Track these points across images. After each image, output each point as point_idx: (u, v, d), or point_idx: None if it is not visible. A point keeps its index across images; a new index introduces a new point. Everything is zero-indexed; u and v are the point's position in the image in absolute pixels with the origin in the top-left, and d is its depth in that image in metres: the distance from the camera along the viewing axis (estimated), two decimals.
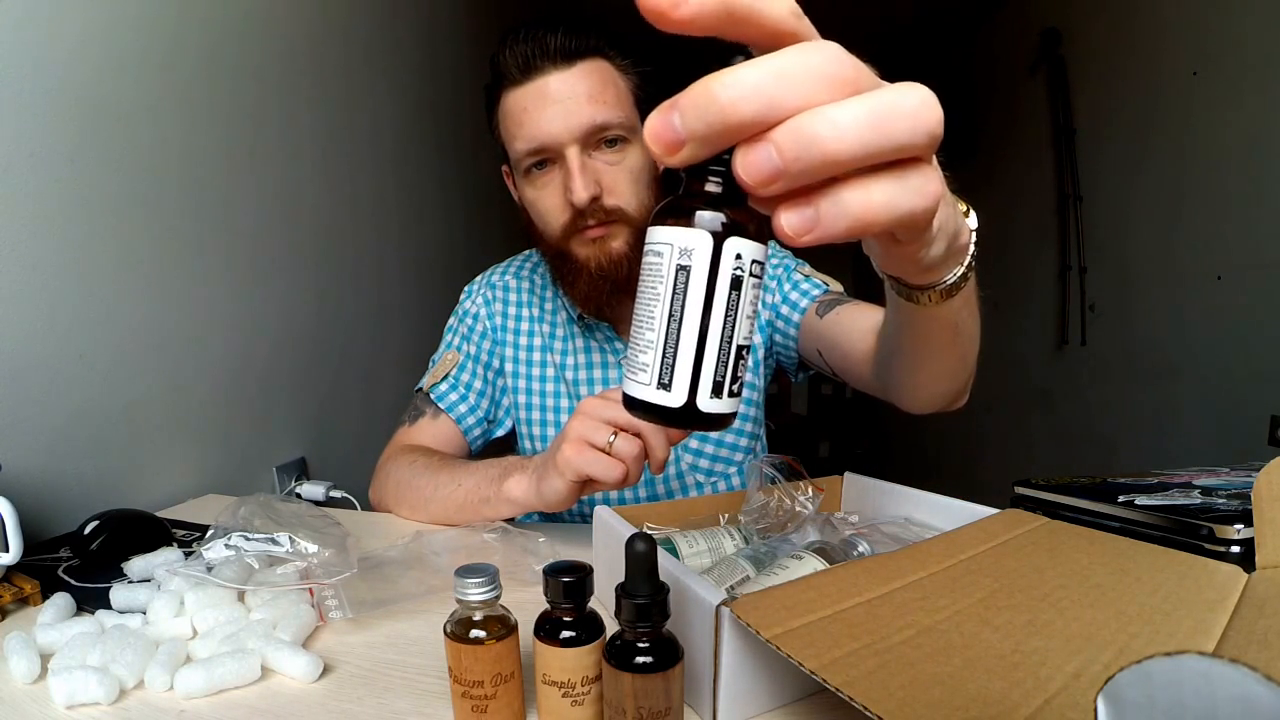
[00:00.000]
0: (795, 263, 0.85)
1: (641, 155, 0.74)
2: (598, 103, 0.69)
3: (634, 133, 0.72)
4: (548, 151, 0.70)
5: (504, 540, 0.58)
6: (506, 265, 0.93)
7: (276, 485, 1.08)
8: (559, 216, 0.73)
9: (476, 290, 0.91)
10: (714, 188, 0.25)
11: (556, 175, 0.72)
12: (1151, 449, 1.88)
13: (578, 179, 0.69)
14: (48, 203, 0.72)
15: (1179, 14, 1.70)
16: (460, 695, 0.35)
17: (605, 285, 0.74)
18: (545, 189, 0.73)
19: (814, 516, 0.53)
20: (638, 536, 0.32)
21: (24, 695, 0.41)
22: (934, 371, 0.51)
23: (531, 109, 0.69)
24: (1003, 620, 0.33)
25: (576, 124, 0.68)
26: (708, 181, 0.25)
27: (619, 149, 0.72)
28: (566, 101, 0.68)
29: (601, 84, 0.70)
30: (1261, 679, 0.17)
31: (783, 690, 0.37)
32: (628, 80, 0.74)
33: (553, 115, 0.68)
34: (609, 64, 0.72)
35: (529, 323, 0.87)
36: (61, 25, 0.73)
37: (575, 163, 0.69)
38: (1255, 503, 0.42)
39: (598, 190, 0.70)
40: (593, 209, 0.70)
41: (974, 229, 0.36)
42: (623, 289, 0.74)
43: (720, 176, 0.24)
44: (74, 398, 0.75)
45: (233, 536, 0.52)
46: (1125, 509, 0.52)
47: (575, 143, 0.69)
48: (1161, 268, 1.82)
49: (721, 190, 0.25)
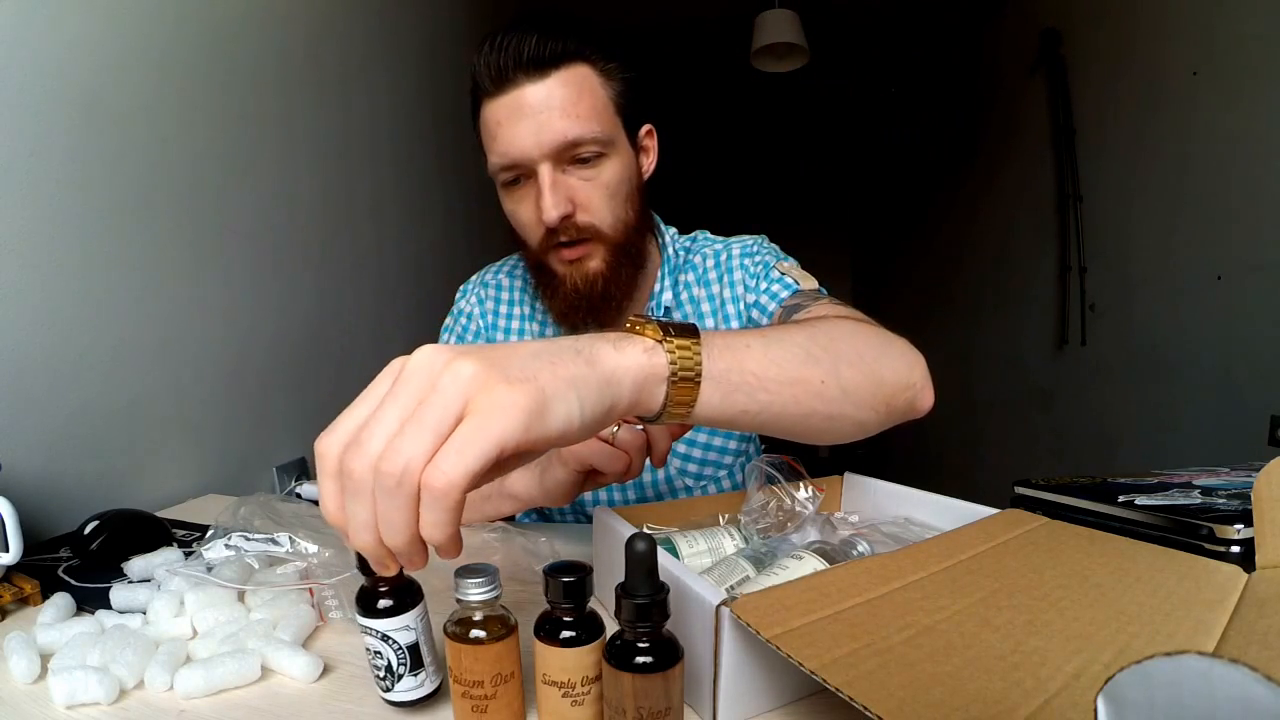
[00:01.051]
0: (776, 258, 0.83)
1: (619, 168, 0.71)
2: (570, 117, 0.66)
3: (611, 145, 0.70)
4: (519, 168, 0.68)
5: (504, 540, 0.58)
6: (500, 264, 0.92)
7: (276, 485, 1.08)
8: (535, 231, 0.71)
9: (470, 290, 0.91)
10: None
11: (531, 190, 0.70)
12: (1151, 449, 1.88)
13: (548, 197, 0.67)
14: (48, 203, 0.72)
15: (1179, 14, 1.70)
16: (460, 695, 0.35)
17: (582, 304, 0.73)
18: (521, 203, 0.72)
19: (814, 516, 0.53)
20: (638, 536, 0.32)
21: (24, 695, 0.41)
22: (805, 433, 0.44)
23: (505, 123, 0.67)
24: (1003, 620, 0.33)
25: (548, 140, 0.66)
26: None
27: (593, 164, 0.69)
28: (539, 115, 0.66)
29: (577, 95, 0.67)
30: (1261, 679, 0.17)
31: (783, 690, 0.37)
32: (609, 87, 0.70)
33: (524, 131, 0.66)
34: (590, 69, 0.68)
35: (520, 321, 0.87)
36: (61, 25, 0.73)
37: (546, 180, 0.67)
38: (1255, 503, 0.42)
39: (570, 208, 0.68)
40: (565, 226, 0.69)
41: (669, 358, 0.35)
42: (599, 307, 0.73)
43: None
44: (74, 398, 0.75)
45: (233, 536, 0.52)
46: (1125, 509, 0.52)
47: (547, 159, 0.67)
48: (1161, 268, 1.82)
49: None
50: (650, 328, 0.37)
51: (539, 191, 0.68)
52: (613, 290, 0.74)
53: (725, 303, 0.81)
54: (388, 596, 0.36)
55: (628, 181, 0.73)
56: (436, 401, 0.29)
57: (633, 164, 0.75)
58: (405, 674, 0.37)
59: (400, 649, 0.36)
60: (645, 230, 0.79)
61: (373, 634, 0.36)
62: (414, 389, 0.29)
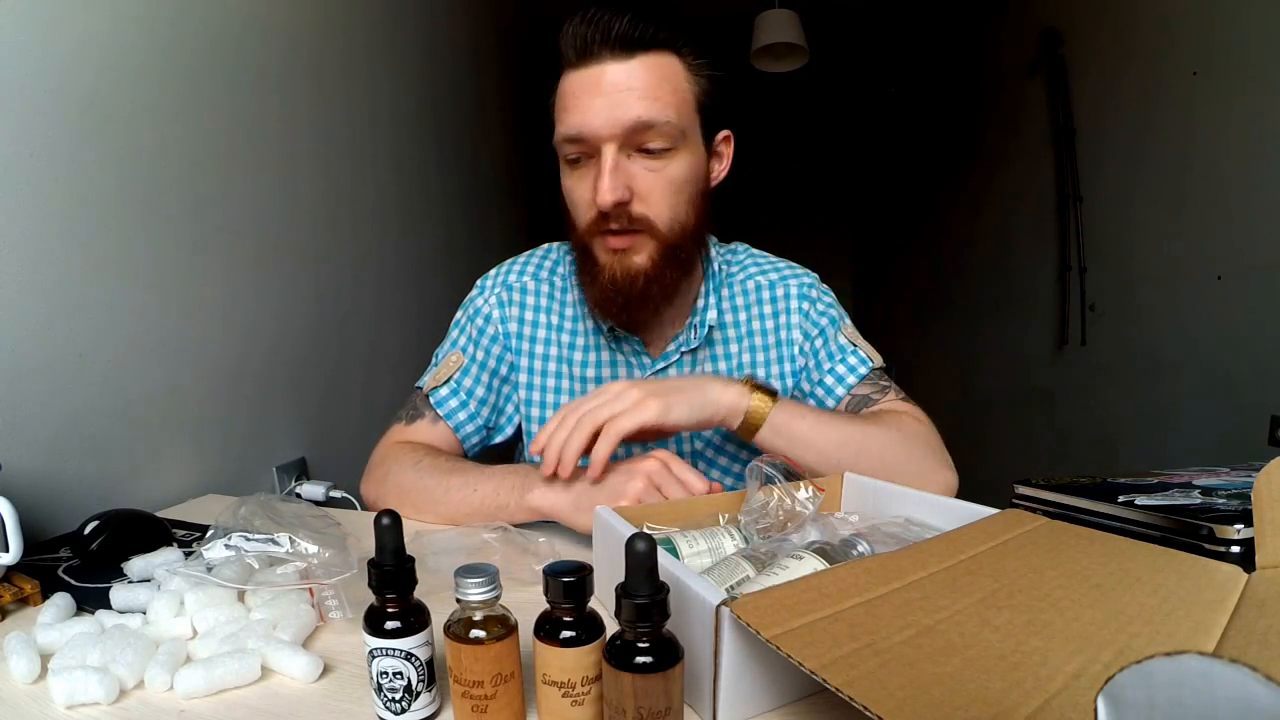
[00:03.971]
0: (839, 316, 0.81)
1: (687, 166, 0.68)
2: (648, 100, 0.64)
3: (684, 140, 0.67)
4: (584, 143, 0.66)
5: (504, 540, 0.58)
6: (525, 262, 0.86)
7: (276, 485, 1.08)
8: (587, 212, 0.69)
9: (490, 288, 0.84)
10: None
11: (591, 170, 0.68)
12: (1151, 449, 1.88)
13: (606, 179, 0.65)
14: (48, 203, 0.72)
15: (1179, 14, 1.70)
16: (460, 695, 0.35)
17: (618, 299, 0.71)
18: (580, 182, 0.69)
19: (814, 516, 0.53)
20: (638, 536, 0.32)
21: (24, 695, 0.41)
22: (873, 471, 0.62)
23: (580, 96, 0.65)
24: (1003, 620, 0.33)
25: (619, 119, 0.64)
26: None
27: (662, 155, 0.67)
28: (616, 94, 0.63)
29: (659, 81, 0.65)
30: (1261, 679, 0.17)
31: (783, 690, 0.37)
32: (694, 82, 0.68)
33: (598, 107, 0.64)
34: (678, 61, 0.66)
35: (546, 330, 0.82)
36: (61, 25, 0.73)
37: (609, 161, 0.65)
38: (1255, 503, 0.42)
39: (627, 195, 0.66)
40: (618, 213, 0.67)
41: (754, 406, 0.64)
42: (637, 304, 0.71)
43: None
44: (74, 398, 0.75)
45: (233, 536, 0.52)
46: (1125, 509, 0.52)
47: (614, 140, 0.65)
48: (1161, 268, 1.82)
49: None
50: (750, 382, 0.65)
51: (599, 172, 0.66)
52: (654, 291, 0.71)
53: (781, 344, 0.81)
54: (401, 617, 0.36)
55: (694, 182, 0.71)
56: (618, 399, 0.60)
57: (703, 166, 0.72)
58: (423, 691, 0.36)
59: (421, 665, 0.36)
60: (701, 238, 0.76)
61: (395, 654, 0.35)
62: (608, 394, 0.60)
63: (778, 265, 0.85)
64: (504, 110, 2.26)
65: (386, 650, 0.35)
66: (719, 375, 0.74)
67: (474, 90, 1.99)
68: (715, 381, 0.64)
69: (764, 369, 0.81)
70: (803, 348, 0.81)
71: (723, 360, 0.81)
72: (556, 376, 0.82)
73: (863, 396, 0.77)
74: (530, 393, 0.83)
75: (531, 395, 0.83)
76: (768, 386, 0.65)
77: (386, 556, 0.36)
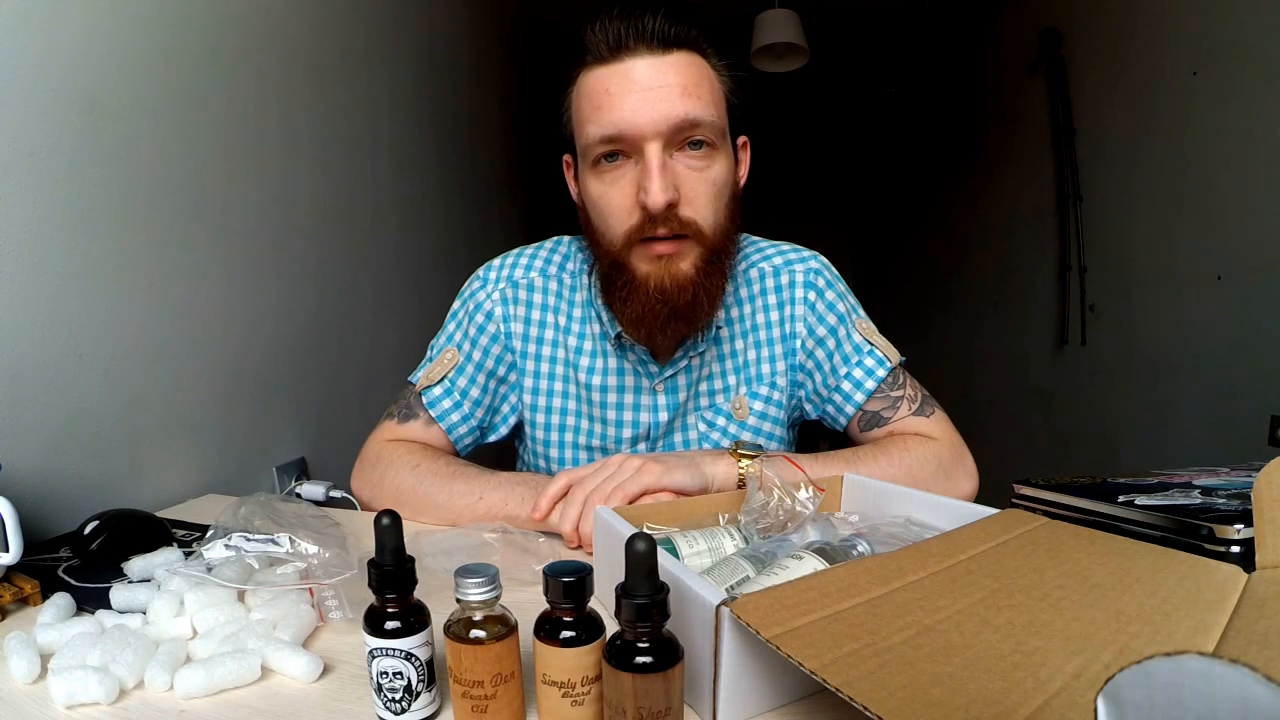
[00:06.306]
0: (850, 309, 0.78)
1: (725, 168, 0.66)
2: (692, 97, 0.61)
3: (723, 139, 0.65)
4: (623, 142, 0.62)
5: (504, 540, 0.58)
6: (532, 256, 0.81)
7: (276, 485, 1.08)
8: (625, 219, 0.65)
9: (493, 283, 0.80)
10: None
11: (629, 171, 0.64)
12: (1151, 449, 1.88)
13: (656, 179, 0.61)
14: (48, 203, 0.72)
15: (1179, 14, 1.70)
16: (460, 695, 0.35)
17: (663, 310, 0.66)
18: (614, 185, 0.65)
19: (814, 516, 0.53)
20: (638, 536, 0.32)
21: (24, 695, 0.41)
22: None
23: (615, 92, 0.61)
24: (1003, 620, 0.33)
25: (664, 115, 0.60)
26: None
27: (705, 154, 0.64)
28: (656, 90, 0.60)
29: (698, 78, 0.62)
30: (1261, 679, 0.17)
31: (783, 690, 0.37)
32: (722, 83, 0.66)
33: (638, 103, 0.61)
34: (706, 62, 0.65)
35: (553, 330, 0.78)
36: (61, 25, 0.73)
37: (655, 160, 0.61)
38: (1255, 503, 0.42)
39: (676, 196, 0.62)
40: (666, 216, 0.63)
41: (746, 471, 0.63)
42: (682, 316, 0.67)
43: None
44: (74, 398, 0.75)
45: (233, 536, 0.52)
46: (1125, 509, 0.52)
47: (659, 137, 0.61)
48: (1161, 268, 1.82)
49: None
50: (736, 453, 0.64)
51: (644, 171, 0.62)
52: (701, 299, 0.67)
53: (786, 338, 0.79)
54: (401, 617, 0.36)
55: (730, 185, 0.69)
56: (620, 470, 0.61)
57: (734, 169, 0.70)
58: (423, 691, 0.36)
59: (422, 665, 0.36)
60: (735, 246, 0.74)
61: (395, 654, 0.35)
62: (609, 468, 0.62)
63: (781, 249, 0.82)
64: (504, 110, 2.26)
65: (386, 650, 0.35)
66: (707, 450, 0.70)
67: (474, 90, 1.99)
68: (705, 455, 0.65)
69: (768, 364, 0.79)
70: (805, 343, 0.78)
71: (729, 359, 0.80)
72: (564, 380, 0.80)
73: (873, 414, 0.75)
74: (535, 397, 0.81)
75: (537, 400, 0.81)
76: (752, 447, 0.65)
77: (386, 556, 0.36)
